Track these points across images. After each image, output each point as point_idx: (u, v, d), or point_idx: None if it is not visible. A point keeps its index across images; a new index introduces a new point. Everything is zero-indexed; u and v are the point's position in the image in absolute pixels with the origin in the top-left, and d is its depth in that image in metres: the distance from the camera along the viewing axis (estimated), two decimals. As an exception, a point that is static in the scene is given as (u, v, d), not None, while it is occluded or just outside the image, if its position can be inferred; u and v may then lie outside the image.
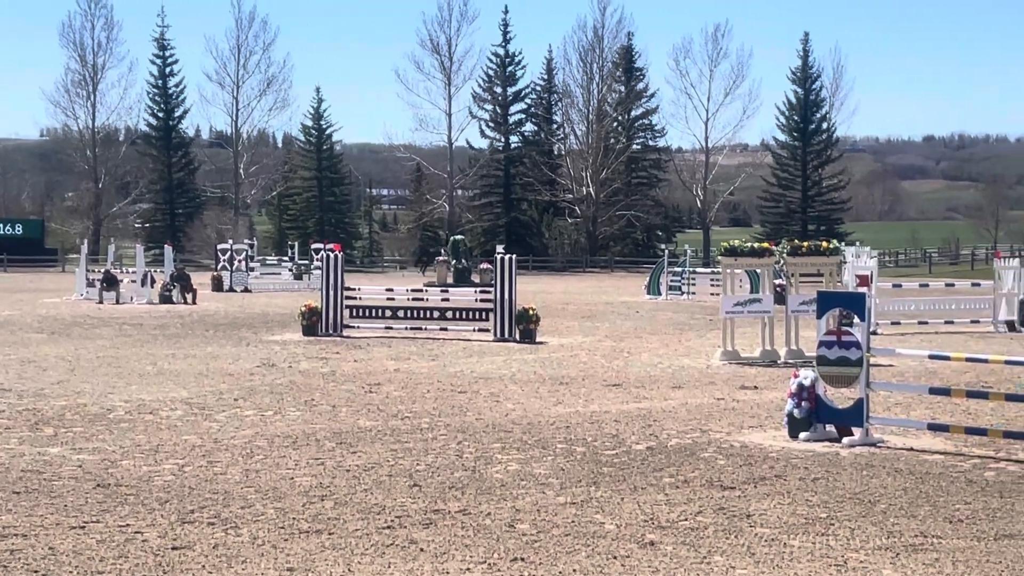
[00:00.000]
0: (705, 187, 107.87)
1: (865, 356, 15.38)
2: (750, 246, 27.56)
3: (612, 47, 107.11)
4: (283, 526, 10.83)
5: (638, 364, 25.55)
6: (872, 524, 10.99)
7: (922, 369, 23.99)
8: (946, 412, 18.20)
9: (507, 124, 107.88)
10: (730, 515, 11.32)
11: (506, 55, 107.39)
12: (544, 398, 19.90)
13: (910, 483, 12.82)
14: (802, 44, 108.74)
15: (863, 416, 15.31)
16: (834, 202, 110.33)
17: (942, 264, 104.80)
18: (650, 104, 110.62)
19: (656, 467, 13.70)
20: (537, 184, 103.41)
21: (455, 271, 60.31)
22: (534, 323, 30.76)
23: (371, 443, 15.23)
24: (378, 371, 23.81)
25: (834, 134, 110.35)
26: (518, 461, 14.03)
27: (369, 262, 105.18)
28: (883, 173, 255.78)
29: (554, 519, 11.13)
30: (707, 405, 19.13)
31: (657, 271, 55.40)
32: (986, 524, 11.01)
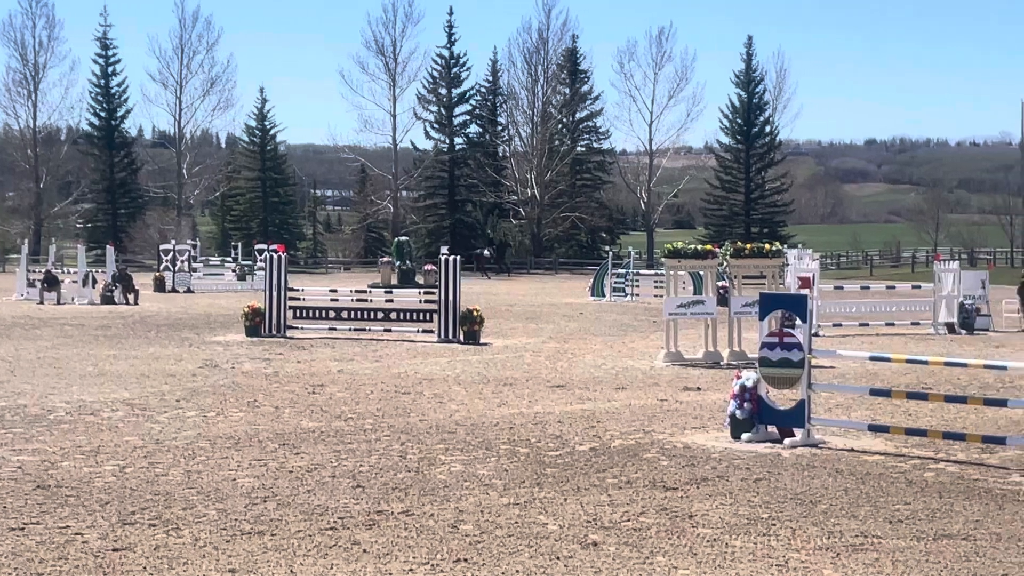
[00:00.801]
0: (649, 189, 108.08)
1: (807, 358, 15.47)
2: (693, 248, 27.71)
3: (557, 49, 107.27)
4: (225, 527, 10.78)
5: (582, 365, 25.60)
6: (813, 524, 11.06)
7: (863, 371, 24.16)
8: (886, 413, 18.34)
9: (452, 125, 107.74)
10: (672, 516, 11.36)
11: (451, 57, 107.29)
12: (488, 399, 19.90)
13: (851, 483, 12.91)
14: (745, 48, 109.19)
15: (805, 417, 15.41)
16: (777, 205, 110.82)
17: (883, 267, 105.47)
18: (595, 106, 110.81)
19: (599, 468, 13.74)
20: (482, 185, 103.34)
21: (399, 272, 60.22)
22: (478, 324, 30.77)
23: (314, 444, 15.19)
24: (321, 372, 23.74)
25: (777, 137, 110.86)
26: (462, 462, 14.03)
27: (313, 263, 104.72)
28: (825, 176, 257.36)
29: (497, 520, 11.13)
30: (650, 406, 19.19)
31: (601, 273, 55.53)
32: (925, 524, 11.10)
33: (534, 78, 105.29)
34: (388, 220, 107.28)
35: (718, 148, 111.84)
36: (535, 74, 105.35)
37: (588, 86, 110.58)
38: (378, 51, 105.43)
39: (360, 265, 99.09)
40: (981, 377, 22.80)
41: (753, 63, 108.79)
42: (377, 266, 66.32)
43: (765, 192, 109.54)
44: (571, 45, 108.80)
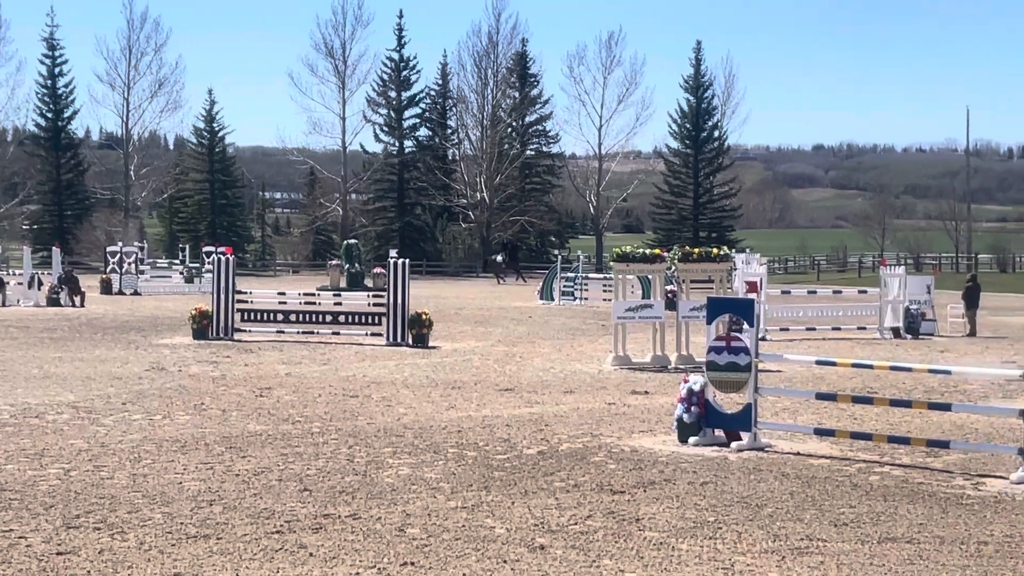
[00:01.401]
0: (598, 193, 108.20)
1: (754, 362, 15.55)
2: (642, 252, 27.80)
3: (507, 53, 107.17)
4: (171, 531, 10.72)
5: (530, 369, 25.62)
6: (759, 528, 11.12)
7: (810, 375, 24.30)
8: (832, 417, 18.46)
9: (401, 129, 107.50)
10: (619, 519, 11.39)
11: (401, 60, 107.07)
12: (436, 402, 19.89)
13: (797, 487, 12.99)
14: (694, 53, 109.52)
15: (751, 421, 15.48)
16: (725, 209, 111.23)
17: (830, 271, 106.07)
18: (544, 110, 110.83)
19: (547, 471, 13.75)
20: (431, 189, 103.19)
21: (348, 275, 59.95)
22: (427, 327, 30.74)
23: (261, 447, 15.14)
24: (269, 375, 23.66)
25: (725, 142, 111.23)
26: (409, 465, 14.02)
27: (262, 265, 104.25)
28: (773, 181, 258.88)
29: (444, 523, 11.13)
30: (598, 410, 19.24)
31: (550, 276, 55.55)
32: (870, 527, 11.18)
33: (484, 81, 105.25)
34: (337, 223, 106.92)
35: (667, 153, 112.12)
36: (485, 78, 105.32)
37: (538, 90, 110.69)
38: (327, 53, 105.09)
39: (309, 268, 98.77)
40: (926, 381, 22.98)
41: (702, 68, 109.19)
42: (326, 269, 65.93)
43: (714, 197, 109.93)
44: (521, 49, 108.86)
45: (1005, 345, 32.80)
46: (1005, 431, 16.91)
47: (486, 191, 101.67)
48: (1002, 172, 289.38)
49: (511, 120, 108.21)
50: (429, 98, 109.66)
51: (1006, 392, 21.45)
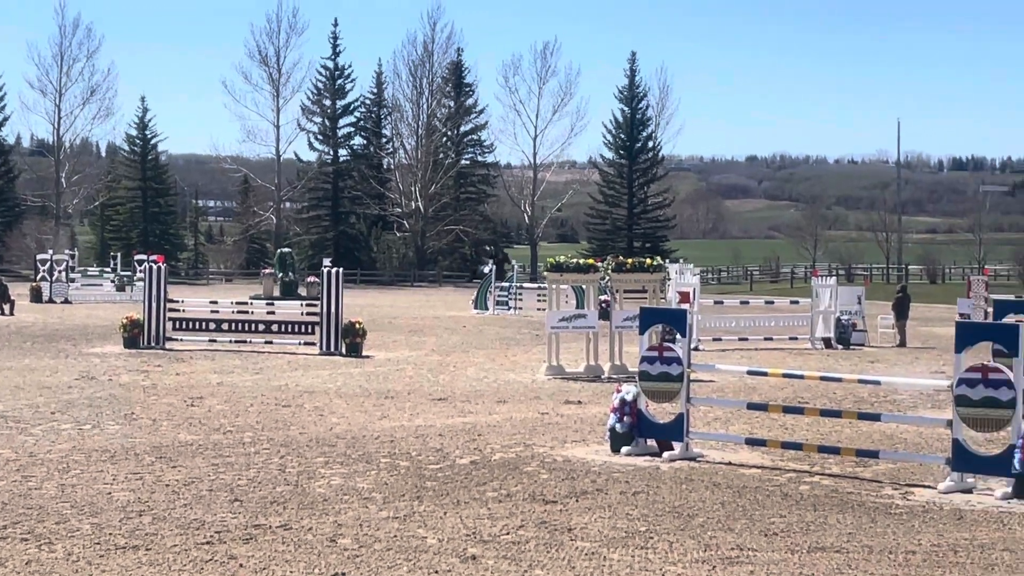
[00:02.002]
0: (533, 203, 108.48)
1: (686, 372, 15.62)
2: (576, 262, 27.86)
3: (442, 62, 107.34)
4: (99, 542, 10.62)
5: (464, 378, 25.61)
6: (690, 537, 11.16)
7: (742, 385, 24.43)
8: (764, 427, 18.57)
9: (336, 137, 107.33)
10: (552, 529, 11.40)
11: (335, 68, 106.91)
12: (369, 412, 19.83)
13: (728, 497, 13.05)
14: (629, 64, 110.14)
15: (683, 431, 15.55)
16: (659, 220, 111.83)
17: (763, 282, 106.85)
18: (479, 120, 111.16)
19: (480, 481, 13.74)
20: (366, 198, 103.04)
21: (282, 284, 59.79)
22: (360, 337, 30.65)
23: (192, 457, 15.03)
24: (201, 384, 23.50)
25: (660, 152, 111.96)
26: (341, 475, 13.96)
27: (195, 274, 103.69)
28: (707, 192, 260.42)
29: (376, 533, 11.09)
30: (531, 419, 19.25)
31: (485, 286, 55.59)
32: (800, 537, 11.25)
33: (419, 91, 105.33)
34: (271, 231, 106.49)
35: (602, 163, 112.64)
36: (420, 87, 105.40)
37: (473, 99, 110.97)
38: (261, 61, 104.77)
39: (242, 277, 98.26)
40: (856, 392, 23.17)
41: (637, 79, 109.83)
42: (259, 278, 65.81)
43: (648, 207, 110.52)
44: (456, 58, 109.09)
45: (934, 355, 33.15)
46: (934, 441, 17.08)
47: (421, 200, 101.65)
48: (932, 184, 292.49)
49: (446, 129, 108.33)
50: (364, 107, 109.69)
51: (935, 402, 21.67)
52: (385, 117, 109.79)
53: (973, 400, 13.27)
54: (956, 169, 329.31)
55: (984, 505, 12.79)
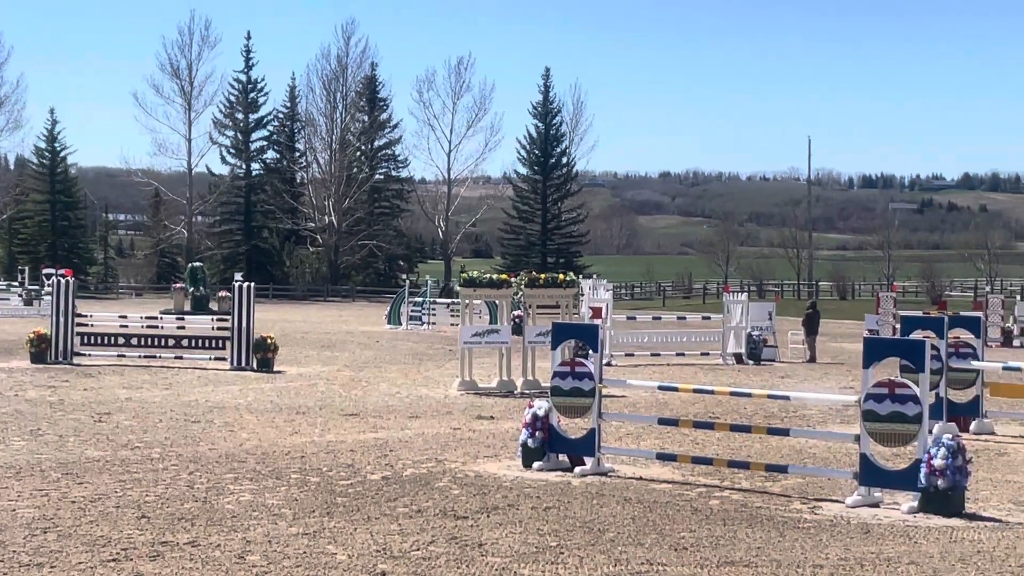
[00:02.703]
0: (447, 218, 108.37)
1: (598, 387, 15.65)
2: (489, 277, 27.87)
3: (356, 76, 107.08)
4: (2, 559, 10.45)
5: (376, 394, 25.52)
6: (600, 552, 11.17)
7: (653, 400, 24.53)
8: (675, 442, 18.65)
9: (249, 151, 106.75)
10: (462, 544, 11.36)
11: (248, 81, 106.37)
12: (280, 428, 19.70)
13: (638, 512, 13.08)
14: (543, 80, 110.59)
15: (595, 446, 15.57)
16: (573, 235, 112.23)
17: (675, 297, 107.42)
18: (393, 134, 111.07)
19: (390, 497, 13.68)
20: (279, 212, 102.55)
21: (193, 299, 59.30)
22: (272, 352, 30.45)
23: (99, 474, 14.83)
24: (109, 400, 23.23)
25: (574, 168, 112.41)
26: (251, 491, 13.84)
27: (104, 288, 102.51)
28: (621, 208, 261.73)
29: (285, 550, 11.00)
30: (444, 435, 19.21)
31: (398, 301, 55.45)
32: (710, 551, 11.29)
33: (333, 105, 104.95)
34: (182, 245, 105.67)
35: (516, 178, 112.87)
36: (334, 101, 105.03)
37: (387, 114, 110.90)
38: (173, 74, 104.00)
39: (153, 291, 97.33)
40: (766, 407, 23.35)
41: (551, 95, 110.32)
42: (170, 292, 65.23)
43: (562, 223, 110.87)
44: (370, 73, 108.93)
45: (843, 371, 33.48)
46: (842, 455, 17.23)
47: (334, 215, 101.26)
48: (842, 201, 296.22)
49: (360, 144, 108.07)
50: (277, 120, 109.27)
51: (843, 417, 21.89)
52: (298, 131, 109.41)
53: (880, 415, 13.41)
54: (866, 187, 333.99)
55: (891, 519, 12.92)
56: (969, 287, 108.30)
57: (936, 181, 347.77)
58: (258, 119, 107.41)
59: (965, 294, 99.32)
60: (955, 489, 13.16)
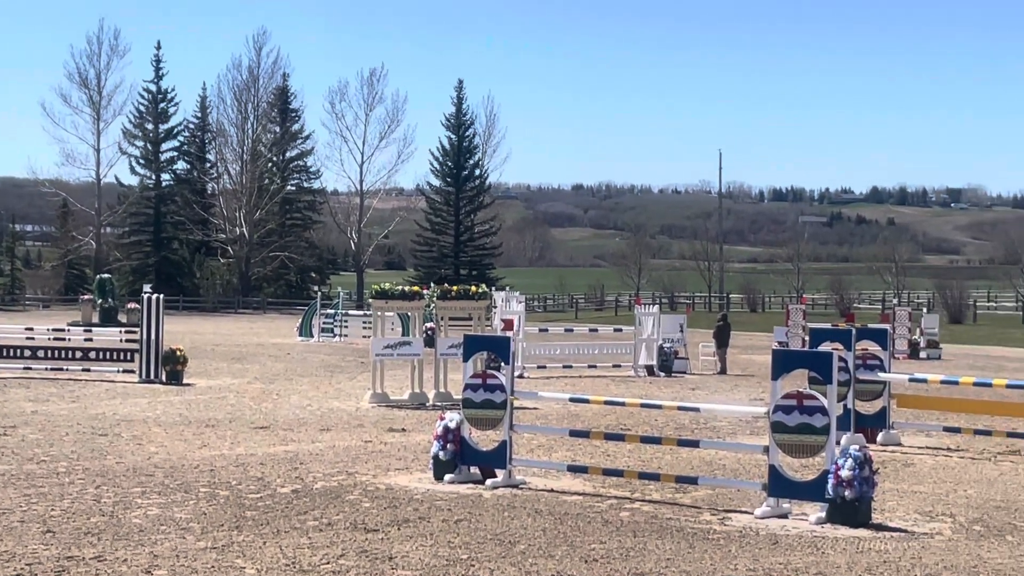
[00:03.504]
0: (360, 230, 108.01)
1: (509, 399, 15.66)
2: (401, 289, 27.81)
3: (268, 87, 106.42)
4: (-98, 577, 10.27)
5: (287, 406, 25.36)
6: (511, 564, 11.16)
7: (565, 412, 24.58)
8: (586, 454, 18.69)
9: (159, 161, 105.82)
10: (372, 558, 11.31)
11: (158, 91, 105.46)
12: (189, 441, 19.51)
13: (549, 524, 13.09)
14: (456, 91, 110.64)
15: (506, 458, 15.57)
16: (486, 247, 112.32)
17: (588, 310, 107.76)
18: (305, 146, 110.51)
19: (301, 510, 13.59)
20: (189, 223, 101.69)
21: (101, 310, 58.66)
22: (181, 364, 30.17)
23: (3, 488, 14.61)
24: (14, 413, 22.90)
25: (487, 180, 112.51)
26: (159, 505, 13.69)
27: (10, 300, 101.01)
28: (534, 220, 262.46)
29: (193, 564, 10.89)
30: (355, 447, 19.12)
31: (310, 313, 55.18)
32: (620, 563, 11.32)
33: (244, 115, 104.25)
34: (91, 257, 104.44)
35: (429, 190, 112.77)
36: (245, 111, 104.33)
37: (299, 125, 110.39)
38: (82, 84, 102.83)
39: (61, 303, 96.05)
40: (677, 419, 23.47)
41: (464, 107, 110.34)
42: (78, 304, 64.46)
43: (474, 234, 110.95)
44: (282, 83, 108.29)
45: (754, 383, 33.75)
46: (751, 467, 17.35)
47: (246, 226, 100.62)
48: (753, 214, 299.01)
49: (272, 155, 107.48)
50: (188, 131, 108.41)
51: (753, 429, 22.06)
52: (209, 142, 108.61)
53: (789, 426, 13.52)
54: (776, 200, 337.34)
55: (799, 530, 13.03)
56: (877, 299, 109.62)
57: (845, 195, 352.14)
58: (168, 130, 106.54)
59: (873, 306, 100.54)
60: (862, 500, 13.30)
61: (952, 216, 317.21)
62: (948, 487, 16.34)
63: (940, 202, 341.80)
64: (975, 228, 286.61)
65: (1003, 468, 18.33)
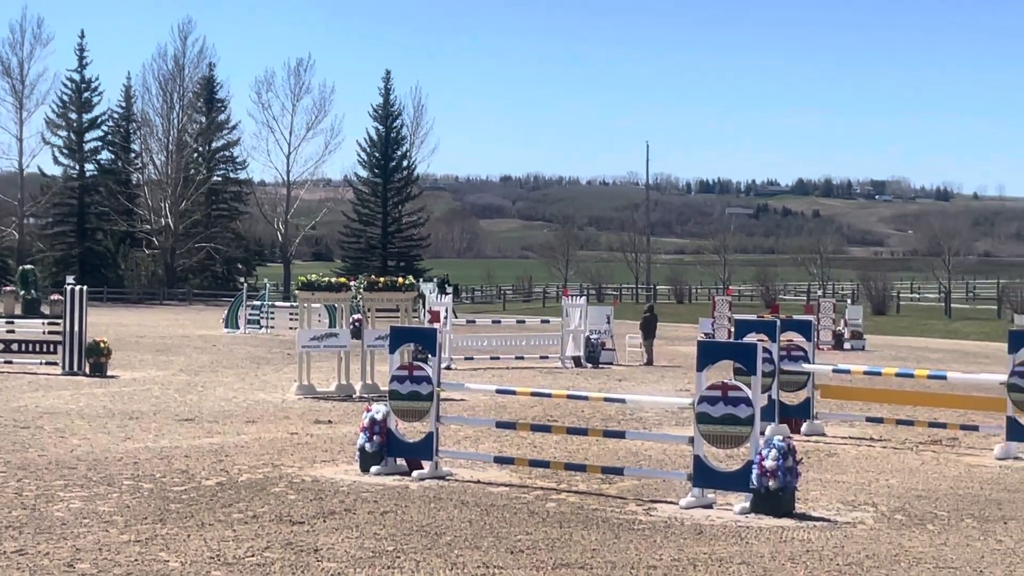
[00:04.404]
0: (287, 221, 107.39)
1: (436, 391, 15.65)
2: (327, 281, 27.71)
3: (193, 77, 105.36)
4: None
5: (212, 398, 25.21)
6: (437, 556, 11.17)
7: (492, 403, 24.60)
8: (513, 445, 18.72)
9: (83, 151, 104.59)
10: (298, 550, 11.28)
11: (82, 81, 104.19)
12: (113, 433, 19.35)
13: (475, 515, 13.11)
14: (384, 82, 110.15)
15: (433, 450, 15.57)
16: (413, 238, 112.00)
17: (516, 301, 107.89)
18: (232, 136, 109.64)
19: (225, 503, 13.52)
20: (114, 214, 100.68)
21: (23, 302, 57.88)
22: (105, 356, 29.90)
23: (-78, 482, 14.43)
24: (-65, 406, 22.62)
25: (414, 171, 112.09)
26: (81, 499, 13.57)
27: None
28: (462, 211, 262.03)
29: (116, 558, 10.81)
30: (280, 439, 19.05)
31: (236, 304, 54.83)
32: (545, 554, 11.36)
33: (169, 105, 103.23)
34: (13, 248, 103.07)
35: (356, 181, 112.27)
36: (170, 101, 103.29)
37: (225, 115, 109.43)
38: (4, 72, 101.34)
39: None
40: (603, 410, 23.56)
41: (391, 98, 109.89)
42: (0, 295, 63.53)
43: (402, 226, 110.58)
44: (208, 73, 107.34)
45: (680, 374, 33.92)
46: (677, 457, 17.45)
47: (171, 217, 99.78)
48: (680, 206, 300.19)
49: (197, 145, 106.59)
50: (112, 121, 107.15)
51: (679, 419, 22.17)
52: (134, 132, 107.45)
53: (714, 417, 13.62)
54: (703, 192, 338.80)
55: (723, 520, 13.13)
56: (802, 291, 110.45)
57: (771, 187, 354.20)
58: (92, 119, 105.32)
59: (798, 298, 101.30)
60: (786, 490, 13.42)
61: (876, 208, 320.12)
62: (871, 476, 16.52)
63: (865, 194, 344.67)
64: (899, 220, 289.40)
65: (925, 458, 18.56)
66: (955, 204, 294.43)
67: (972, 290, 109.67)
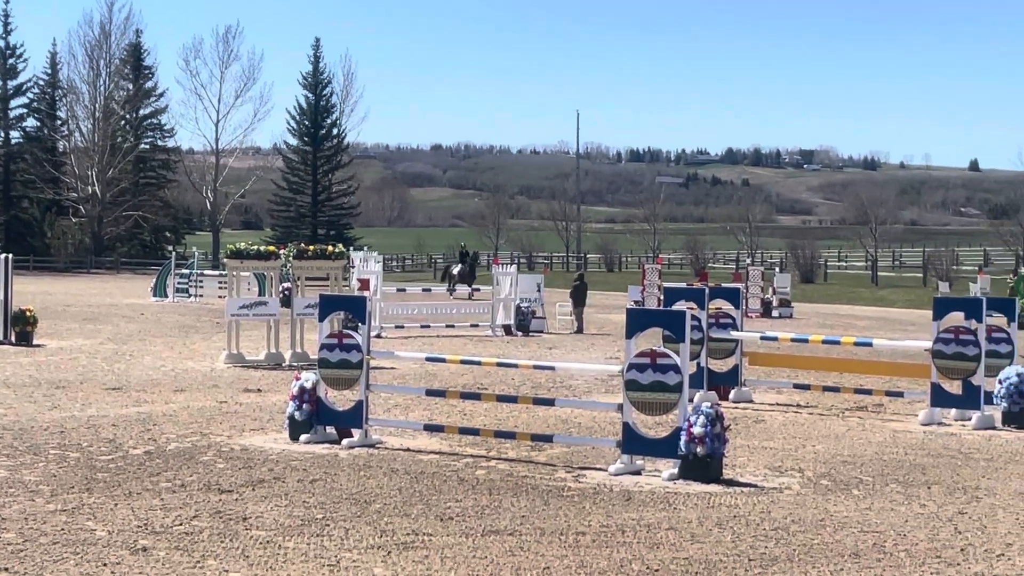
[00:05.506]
0: (216, 189, 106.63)
1: (366, 359, 15.63)
2: (256, 249, 27.57)
3: (120, 44, 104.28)
4: None
5: (140, 367, 25.04)
6: (367, 524, 11.17)
7: (423, 371, 24.60)
8: (443, 413, 18.74)
9: (8, 119, 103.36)
10: (226, 519, 11.24)
11: (6, 47, 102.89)
12: (39, 402, 19.18)
13: (405, 483, 13.12)
14: (313, 50, 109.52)
15: (363, 418, 15.57)
16: (344, 207, 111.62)
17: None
18: (159, 103, 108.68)
19: (153, 472, 13.45)
20: (39, 182, 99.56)
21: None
22: (31, 325, 29.61)
23: None
24: None
25: (344, 140, 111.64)
26: (7, 468, 13.46)
27: None
28: (393, 180, 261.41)
29: (42, 527, 10.73)
30: (209, 408, 18.96)
31: (164, 273, 54.46)
32: (475, 521, 11.39)
33: (96, 72, 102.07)
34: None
35: (286, 149, 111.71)
36: (97, 68, 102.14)
37: (153, 82, 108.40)
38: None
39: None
40: (533, 377, 23.62)
41: (321, 65, 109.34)
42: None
43: (332, 194, 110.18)
44: (135, 40, 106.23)
45: (610, 342, 34.03)
46: (606, 424, 17.55)
47: (98, 185, 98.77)
48: (611, 175, 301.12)
49: (125, 113, 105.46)
50: (38, 88, 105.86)
51: (608, 387, 22.29)
52: (60, 99, 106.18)
53: (642, 384, 13.69)
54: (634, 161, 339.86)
55: (652, 486, 13.22)
56: (731, 259, 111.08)
57: (701, 156, 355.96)
58: (17, 86, 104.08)
59: (727, 266, 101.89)
60: (713, 456, 13.53)
61: (805, 177, 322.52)
62: (797, 443, 16.69)
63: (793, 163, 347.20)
64: (827, 189, 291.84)
65: (850, 424, 18.76)
66: (882, 173, 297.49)
67: (898, 258, 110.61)
